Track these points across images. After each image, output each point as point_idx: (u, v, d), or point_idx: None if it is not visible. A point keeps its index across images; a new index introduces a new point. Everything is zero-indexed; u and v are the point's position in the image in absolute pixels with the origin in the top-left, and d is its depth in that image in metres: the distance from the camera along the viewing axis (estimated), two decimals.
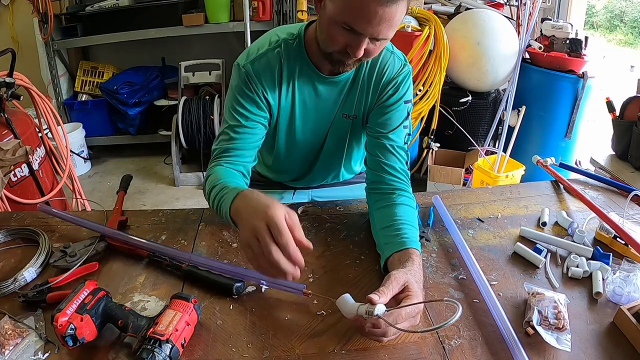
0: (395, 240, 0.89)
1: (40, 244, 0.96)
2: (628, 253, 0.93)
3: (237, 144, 1.00)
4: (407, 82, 1.04)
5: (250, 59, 1.00)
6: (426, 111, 2.72)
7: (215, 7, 3.02)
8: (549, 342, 0.71)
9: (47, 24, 2.98)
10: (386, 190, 1.01)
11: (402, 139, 1.04)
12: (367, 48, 0.87)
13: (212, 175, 0.96)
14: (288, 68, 1.01)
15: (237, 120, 1.00)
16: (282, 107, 1.05)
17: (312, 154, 1.17)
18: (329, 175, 1.28)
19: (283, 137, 1.12)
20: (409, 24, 2.58)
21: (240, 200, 0.80)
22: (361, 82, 1.04)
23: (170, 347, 0.68)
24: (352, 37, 0.85)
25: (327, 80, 1.02)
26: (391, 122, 1.03)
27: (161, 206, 2.84)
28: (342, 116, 1.08)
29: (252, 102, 1.00)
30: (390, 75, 1.03)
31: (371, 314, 0.69)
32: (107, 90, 3.23)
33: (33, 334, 0.76)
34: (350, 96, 1.06)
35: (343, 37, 0.86)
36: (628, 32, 6.02)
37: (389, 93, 1.03)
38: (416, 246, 0.88)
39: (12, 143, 1.58)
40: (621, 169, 1.94)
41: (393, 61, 1.03)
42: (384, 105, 1.03)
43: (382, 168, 1.02)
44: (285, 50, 1.00)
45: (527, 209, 1.12)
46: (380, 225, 0.96)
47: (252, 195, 0.78)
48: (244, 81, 1.00)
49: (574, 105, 2.54)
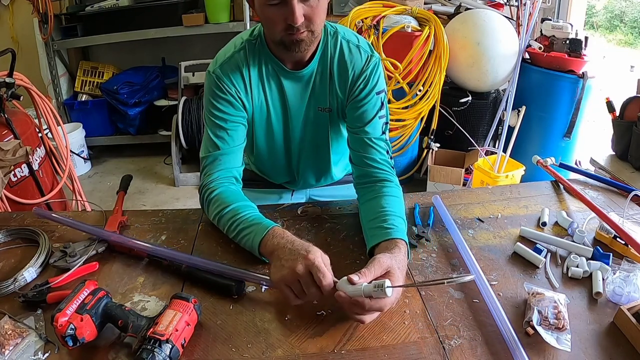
0: (381, 231, 0.90)
1: (40, 244, 0.96)
2: (628, 253, 0.93)
3: (222, 148, 1.03)
4: (377, 72, 1.05)
5: (219, 63, 1.04)
6: (426, 111, 2.72)
7: (215, 7, 3.02)
8: (549, 342, 0.71)
9: (47, 24, 2.98)
10: (371, 182, 1.04)
11: (380, 130, 1.06)
12: (305, 13, 0.89)
13: (215, 198, 0.99)
14: (255, 66, 1.04)
15: (217, 125, 1.03)
16: (255, 105, 1.07)
17: (294, 149, 1.18)
18: (321, 174, 1.28)
19: (262, 136, 1.13)
20: (409, 24, 2.58)
21: (275, 240, 0.86)
22: (330, 76, 1.06)
23: (170, 347, 0.68)
24: (283, 8, 0.88)
25: (292, 75, 1.05)
26: (366, 114, 1.05)
27: (161, 206, 2.84)
28: (318, 109, 1.10)
29: (227, 103, 1.03)
30: (359, 70, 1.04)
31: (381, 286, 0.71)
32: (107, 90, 3.24)
33: (33, 334, 0.76)
34: (321, 89, 1.07)
35: (277, 14, 0.89)
36: (628, 32, 6.02)
37: (360, 87, 1.05)
38: (402, 237, 0.89)
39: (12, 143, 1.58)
40: (621, 169, 1.94)
41: (359, 55, 1.05)
42: (357, 100, 1.05)
43: (364, 162, 1.05)
44: (249, 50, 1.04)
45: (527, 209, 1.12)
46: (367, 217, 0.98)
47: (287, 237, 0.86)
48: (216, 85, 1.03)
49: (573, 105, 2.54)
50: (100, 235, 0.97)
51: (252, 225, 0.92)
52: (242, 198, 1.01)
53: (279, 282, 0.79)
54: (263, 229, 0.89)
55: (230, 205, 0.97)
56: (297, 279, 0.77)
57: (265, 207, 1.14)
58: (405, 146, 2.80)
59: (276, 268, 0.81)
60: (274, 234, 0.88)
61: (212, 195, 1.00)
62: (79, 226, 1.00)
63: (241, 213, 0.95)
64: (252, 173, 1.34)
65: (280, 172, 1.25)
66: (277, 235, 0.87)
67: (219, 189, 1.01)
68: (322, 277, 0.76)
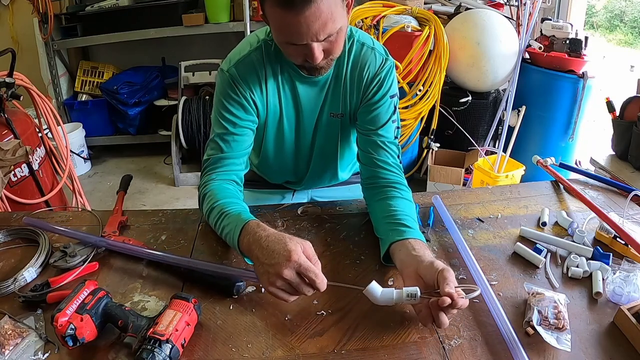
0: (399, 229, 0.90)
1: (40, 244, 0.96)
2: (628, 253, 0.93)
3: (226, 152, 1.01)
4: (391, 76, 1.05)
5: (234, 62, 1.00)
6: (426, 111, 2.72)
7: (215, 7, 3.02)
8: (549, 342, 0.71)
9: (47, 24, 2.98)
10: (382, 184, 1.03)
11: (392, 134, 1.05)
12: (324, 49, 0.87)
13: (209, 193, 0.97)
14: (271, 68, 1.01)
15: (224, 127, 1.00)
16: (270, 107, 1.05)
17: (303, 154, 1.17)
18: (325, 177, 1.27)
19: (272, 139, 1.12)
20: (409, 24, 2.58)
21: (248, 237, 0.82)
22: (344, 80, 1.04)
23: (170, 347, 0.68)
24: (301, 48, 0.86)
25: (307, 80, 1.03)
26: (379, 118, 1.04)
27: (161, 206, 2.84)
28: (330, 115, 1.09)
29: (239, 106, 1.00)
30: (373, 72, 1.03)
31: (414, 296, 0.72)
32: (107, 90, 3.23)
33: (33, 334, 0.76)
34: (335, 95, 1.06)
35: (295, 51, 0.88)
36: (628, 32, 6.02)
37: (373, 90, 1.04)
38: (422, 238, 0.89)
39: (12, 143, 1.58)
40: (621, 169, 1.94)
41: (374, 58, 1.03)
42: (370, 103, 1.04)
43: (375, 164, 1.04)
44: (266, 50, 1.00)
45: (527, 209, 1.12)
46: (381, 214, 0.97)
47: (259, 232, 0.81)
48: (229, 85, 0.99)
49: (573, 105, 2.54)
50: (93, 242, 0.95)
51: (230, 223, 0.88)
52: (234, 195, 0.98)
53: (269, 288, 0.77)
54: (239, 227, 0.85)
55: (219, 200, 0.94)
56: (287, 283, 0.75)
57: (266, 207, 1.14)
58: (405, 146, 2.80)
59: (261, 274, 0.78)
60: (247, 230, 0.83)
61: (205, 190, 0.98)
62: (70, 234, 0.97)
63: (226, 208, 0.91)
64: (252, 173, 1.34)
65: (285, 174, 1.25)
66: (249, 232, 0.82)
67: (212, 185, 0.98)
68: (314, 277, 0.74)
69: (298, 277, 0.75)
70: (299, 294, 0.77)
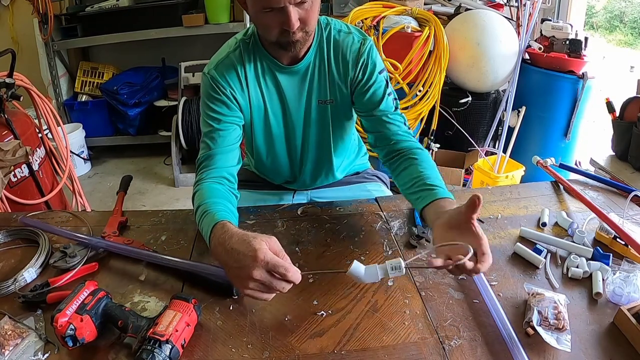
0: (423, 194, 0.93)
1: (40, 245, 0.96)
2: (628, 253, 0.93)
3: (214, 149, 1.03)
4: (373, 53, 1.08)
5: (213, 65, 1.05)
6: (426, 112, 2.71)
7: (215, 8, 3.02)
8: (549, 343, 0.71)
9: (47, 24, 2.98)
10: (400, 154, 1.06)
11: (392, 106, 1.09)
12: (300, 17, 0.90)
13: (197, 193, 0.97)
14: (250, 64, 1.05)
15: (210, 125, 1.04)
16: (253, 104, 1.07)
17: (296, 147, 1.18)
18: (321, 173, 1.26)
19: (261, 134, 1.14)
20: (409, 24, 2.58)
21: (217, 242, 0.80)
22: (328, 66, 1.07)
23: (170, 348, 0.68)
24: (278, 15, 0.89)
25: (287, 70, 1.06)
26: (375, 95, 1.07)
27: (161, 207, 2.84)
28: (319, 103, 1.10)
29: (221, 104, 1.03)
30: (356, 52, 1.06)
31: (399, 268, 0.73)
32: (107, 90, 3.23)
33: (33, 335, 0.76)
34: (321, 81, 1.08)
35: (273, 20, 0.91)
36: (628, 32, 6.02)
37: (361, 70, 1.06)
38: (449, 195, 0.92)
39: (12, 144, 1.58)
40: (621, 169, 1.94)
41: (352, 39, 1.07)
42: (362, 84, 1.07)
43: (387, 138, 1.08)
44: (244, 49, 1.05)
45: (527, 209, 1.12)
46: (405, 186, 1.01)
47: (227, 238, 0.78)
48: (210, 86, 1.03)
49: (573, 105, 2.54)
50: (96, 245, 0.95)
51: (206, 225, 0.86)
52: (220, 195, 0.96)
53: (244, 291, 0.75)
54: (210, 229, 0.83)
55: (204, 200, 0.92)
56: (260, 283, 0.73)
57: (266, 208, 1.14)
58: None
59: (233, 278, 0.77)
60: (214, 233, 0.81)
61: (195, 190, 0.98)
62: (67, 234, 0.98)
63: (208, 208, 0.89)
64: (252, 174, 1.34)
65: (281, 171, 1.25)
66: (215, 234, 0.81)
67: (201, 185, 0.98)
68: (285, 271, 0.72)
69: (269, 275, 0.73)
70: (275, 292, 0.75)
